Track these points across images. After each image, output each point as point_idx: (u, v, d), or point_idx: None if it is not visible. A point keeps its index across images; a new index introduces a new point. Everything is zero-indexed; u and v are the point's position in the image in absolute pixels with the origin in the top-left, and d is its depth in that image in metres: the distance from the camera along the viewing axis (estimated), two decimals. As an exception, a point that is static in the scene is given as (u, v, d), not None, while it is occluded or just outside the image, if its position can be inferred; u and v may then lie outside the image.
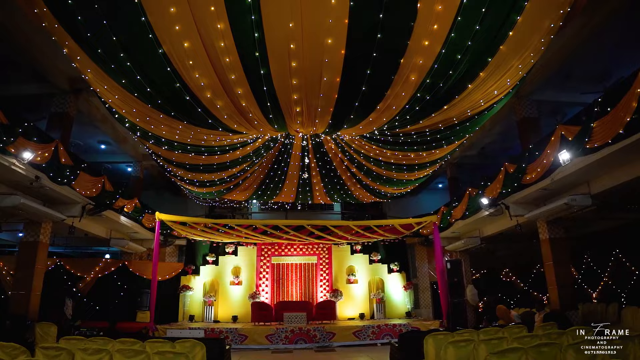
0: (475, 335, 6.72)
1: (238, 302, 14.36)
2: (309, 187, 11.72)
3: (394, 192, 12.52)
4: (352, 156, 10.42)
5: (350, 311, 14.55)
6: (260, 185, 11.65)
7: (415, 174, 10.76)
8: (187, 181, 10.80)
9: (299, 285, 14.74)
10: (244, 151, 9.47)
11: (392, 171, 10.44)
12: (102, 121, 12.60)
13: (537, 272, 16.27)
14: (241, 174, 10.73)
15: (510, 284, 16.86)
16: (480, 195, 11.74)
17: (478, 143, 14.67)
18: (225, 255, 14.81)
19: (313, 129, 8.05)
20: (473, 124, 8.69)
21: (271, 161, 10.77)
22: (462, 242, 13.62)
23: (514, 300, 16.86)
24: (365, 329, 11.74)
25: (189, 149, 8.71)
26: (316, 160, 10.97)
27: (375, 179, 11.11)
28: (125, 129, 10.22)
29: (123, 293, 14.01)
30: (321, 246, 15.00)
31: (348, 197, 12.77)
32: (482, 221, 12.86)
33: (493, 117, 11.49)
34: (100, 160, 14.99)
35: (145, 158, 14.62)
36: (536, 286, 16.08)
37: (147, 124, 7.87)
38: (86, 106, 11.81)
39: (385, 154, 9.59)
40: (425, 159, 9.81)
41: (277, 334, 11.27)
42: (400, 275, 15.09)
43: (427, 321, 12.54)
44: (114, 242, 12.84)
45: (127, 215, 12.34)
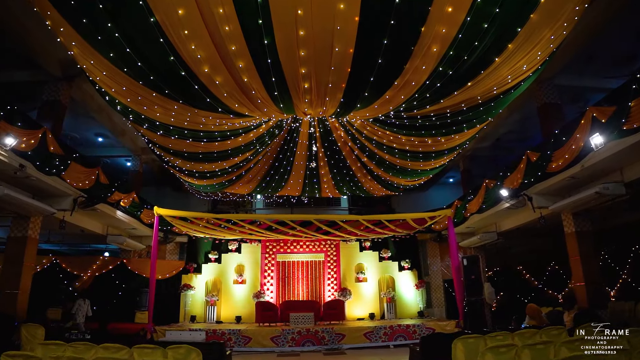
0: (510, 337, 5.82)
1: (242, 301, 13.49)
2: (316, 178, 10.83)
3: (407, 183, 11.60)
4: (363, 144, 9.54)
5: (359, 311, 13.64)
6: (265, 177, 10.78)
7: (431, 162, 9.85)
8: (186, 172, 9.95)
9: (305, 284, 13.86)
10: (246, 138, 8.61)
11: (406, 160, 9.54)
12: (98, 112, 11.81)
13: (551, 270, 15.36)
14: (244, 164, 9.86)
15: (524, 282, 15.94)
16: (498, 186, 10.82)
17: (493, 133, 13.75)
18: (228, 253, 13.95)
19: (323, 109, 7.18)
20: (498, 105, 7.79)
21: (276, 150, 9.90)
22: (478, 238, 12.69)
23: (527, 298, 15.95)
24: (377, 330, 10.84)
25: (186, 134, 7.85)
26: (324, 150, 10.10)
27: (388, 169, 10.21)
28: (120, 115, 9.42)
29: (121, 292, 13.18)
30: (329, 243, 14.11)
31: (358, 189, 11.87)
32: (499, 215, 11.94)
33: (510, 104, 10.60)
34: (99, 154, 14.18)
35: (145, 152, 13.81)
36: (550, 284, 15.18)
37: (140, 105, 7.03)
38: (80, 94, 11.01)
39: (400, 140, 8.70)
40: (444, 145, 8.90)
41: (282, 336, 10.38)
42: (412, 273, 14.16)
43: (442, 321, 11.61)
44: (110, 239, 12.02)
45: (124, 210, 11.51)
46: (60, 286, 13.01)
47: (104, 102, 11.23)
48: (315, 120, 9.27)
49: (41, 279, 12.75)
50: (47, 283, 13.11)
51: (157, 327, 10.96)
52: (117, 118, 11.98)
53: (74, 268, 12.88)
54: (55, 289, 13.10)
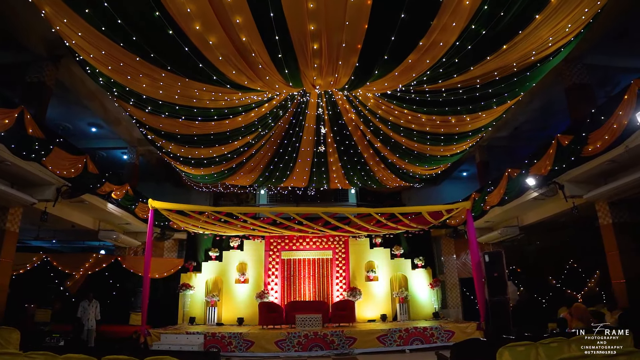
0: (567, 345, 4.67)
1: (244, 302, 12.37)
2: (324, 167, 9.72)
3: (423, 172, 10.45)
4: (376, 127, 8.44)
5: (370, 312, 12.48)
6: (268, 165, 9.68)
7: (452, 147, 8.72)
8: (181, 159, 8.87)
9: (312, 283, 12.72)
10: (247, 118, 7.53)
11: (425, 143, 8.42)
12: (89, 98, 10.77)
13: (570, 268, 14.16)
14: (245, 150, 8.77)
15: (542, 281, 14.75)
16: (523, 175, 9.67)
17: (511, 122, 12.58)
18: (229, 250, 12.85)
19: (334, 76, 6.08)
20: (533, 75, 6.67)
21: (280, 135, 8.82)
22: (499, 233, 11.52)
23: (545, 298, 14.79)
24: (392, 333, 9.68)
25: (177, 111, 6.78)
26: (333, 135, 9.00)
27: (404, 155, 9.08)
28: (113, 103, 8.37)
29: (115, 292, 12.12)
30: (337, 239, 12.97)
31: (370, 179, 10.73)
32: (523, 207, 10.78)
33: (533, 89, 9.48)
34: (94, 146, 13.18)
35: (141, 143, 12.76)
36: (569, 283, 14.00)
37: (123, 75, 5.97)
38: (68, 78, 9.97)
39: (419, 120, 7.59)
40: (468, 125, 7.77)
41: (288, 340, 9.25)
42: (426, 272, 12.99)
43: (461, 323, 10.44)
44: (102, 235, 10.97)
45: (116, 203, 10.46)
46: (50, 285, 11.99)
47: (96, 87, 10.27)
48: (323, 100, 8.18)
49: (31, 278, 11.77)
50: (38, 282, 12.10)
51: (152, 330, 9.88)
52: (110, 105, 10.95)
53: (65, 266, 11.84)
54: (45, 288, 12.10)
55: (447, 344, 9.98)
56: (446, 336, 10.01)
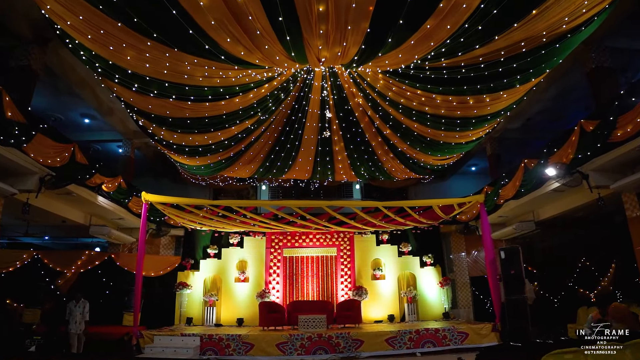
0: (622, 353, 3.90)
1: (244, 302, 11.61)
2: (329, 156, 8.97)
3: (435, 162, 9.67)
4: (386, 112, 7.69)
5: (376, 312, 11.70)
6: (269, 155, 8.93)
7: (468, 133, 7.96)
8: (174, 147, 8.13)
9: (316, 282, 11.95)
10: (245, 100, 6.79)
11: (439, 129, 7.65)
12: (80, 85, 10.05)
13: (582, 266, 13.37)
14: (244, 136, 8.02)
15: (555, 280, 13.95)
16: (541, 165, 8.90)
17: (524, 112, 11.80)
18: (229, 248, 12.10)
19: (342, 45, 5.33)
20: (563, 48, 5.91)
21: (282, 122, 8.08)
22: (513, 228, 10.73)
23: (557, 297, 14.00)
24: (401, 335, 8.90)
25: (167, 89, 6.04)
26: (339, 121, 8.26)
27: (415, 142, 8.32)
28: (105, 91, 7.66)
29: (108, 291, 11.38)
30: (342, 236, 12.20)
31: (378, 170, 9.95)
32: (540, 200, 9.99)
33: (550, 74, 8.72)
34: (87, 138, 12.46)
35: (137, 135, 12.04)
36: (582, 282, 13.21)
37: (105, 47, 5.25)
38: (58, 64, 9.26)
39: (434, 101, 6.83)
40: (487, 107, 7.01)
41: (290, 342, 8.49)
42: (435, 270, 12.20)
43: (475, 324, 9.65)
44: (94, 230, 10.24)
45: (108, 196, 9.73)
46: (40, 284, 11.27)
47: (86, 73, 9.56)
48: (328, 84, 7.44)
49: (21, 276, 11.06)
50: (28, 281, 11.39)
51: (145, 332, 9.14)
52: (102, 93, 10.24)
53: (56, 264, 11.08)
54: (35, 287, 11.38)
55: (460, 346, 9.22)
56: (459, 338, 9.23)
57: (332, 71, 7.42)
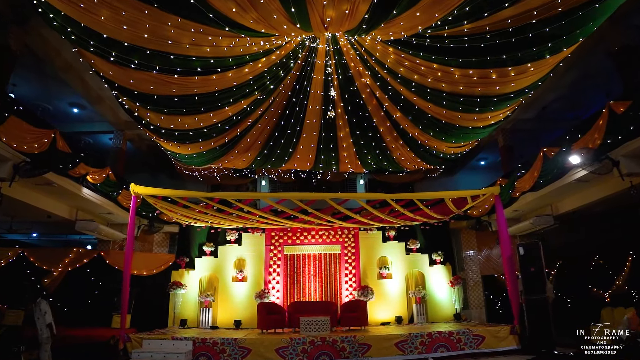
0: None
1: (242, 303, 10.73)
2: (333, 143, 8.10)
3: (449, 150, 8.79)
4: (396, 92, 6.84)
5: (383, 314, 10.80)
6: (268, 141, 8.06)
7: (487, 115, 7.09)
8: (163, 132, 7.27)
9: (318, 282, 11.06)
10: (239, 74, 5.95)
11: (456, 109, 6.80)
12: (66, 70, 9.22)
13: (596, 265, 12.49)
14: (239, 119, 7.17)
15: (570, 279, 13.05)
16: (564, 153, 8.04)
17: (539, 100, 10.93)
18: (226, 245, 11.23)
19: (349, 5, 4.47)
20: (603, 9, 5.05)
21: (282, 104, 7.22)
22: (530, 223, 9.84)
23: (570, 297, 13.11)
24: (412, 338, 8.00)
25: (149, 58, 5.21)
26: (344, 104, 7.40)
27: (428, 126, 7.46)
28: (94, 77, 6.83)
29: (97, 291, 10.52)
30: (346, 232, 11.32)
31: (386, 159, 9.08)
32: (560, 192, 9.11)
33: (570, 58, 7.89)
34: (77, 130, 11.64)
35: (128, 126, 11.21)
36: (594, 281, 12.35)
37: (75, 5, 4.40)
38: (40, 45, 8.44)
39: (451, 75, 5.99)
40: (511, 83, 6.15)
41: (291, 347, 7.60)
42: (445, 268, 11.31)
43: (491, 326, 8.75)
44: (80, 226, 9.40)
45: (94, 189, 8.89)
46: (25, 283, 10.41)
47: (72, 56, 8.72)
48: (332, 63, 6.61)
49: (5, 274, 10.23)
50: (13, 280, 10.54)
51: (134, 335, 8.27)
52: (90, 79, 9.42)
53: (43, 262, 10.27)
54: (20, 286, 10.52)
55: (476, 350, 8.31)
56: (475, 342, 8.33)
57: (337, 48, 6.60)
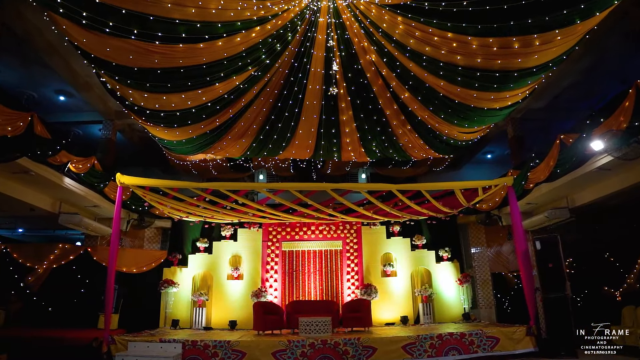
0: None
1: (238, 302, 9.96)
2: (335, 127, 7.36)
3: (460, 136, 8.04)
4: (405, 69, 6.13)
5: (387, 313, 10.03)
6: (264, 125, 7.31)
7: (505, 94, 6.35)
8: (148, 114, 6.52)
9: (318, 280, 10.29)
10: (230, 45, 5.21)
11: (472, 87, 6.06)
12: (49, 52, 8.44)
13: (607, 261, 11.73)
14: (232, 99, 6.42)
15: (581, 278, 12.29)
16: (584, 139, 7.29)
17: (552, 87, 10.17)
18: (221, 241, 10.47)
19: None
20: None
21: (279, 83, 6.48)
22: (545, 216, 9.06)
23: (580, 296, 12.36)
24: (421, 340, 7.24)
25: (126, 19, 4.47)
26: (347, 85, 6.65)
27: (440, 108, 6.71)
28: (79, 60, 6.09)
29: (84, 290, 9.75)
30: (348, 227, 10.56)
31: (392, 146, 8.33)
32: (578, 183, 8.34)
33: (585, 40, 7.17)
34: (65, 120, 10.88)
35: (119, 116, 10.46)
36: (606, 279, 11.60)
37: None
38: (19, 23, 7.66)
39: (469, 45, 5.27)
40: (535, 55, 5.42)
41: (290, 350, 6.84)
42: (453, 265, 10.55)
43: (505, 327, 7.98)
44: (64, 219, 8.63)
45: (78, 179, 8.13)
46: (8, 281, 9.66)
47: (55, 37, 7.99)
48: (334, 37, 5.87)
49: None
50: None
51: (119, 337, 7.51)
52: (75, 63, 8.67)
53: (27, 258, 9.51)
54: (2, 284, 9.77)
55: (490, 353, 7.56)
56: (489, 344, 7.57)
57: (339, 22, 5.87)
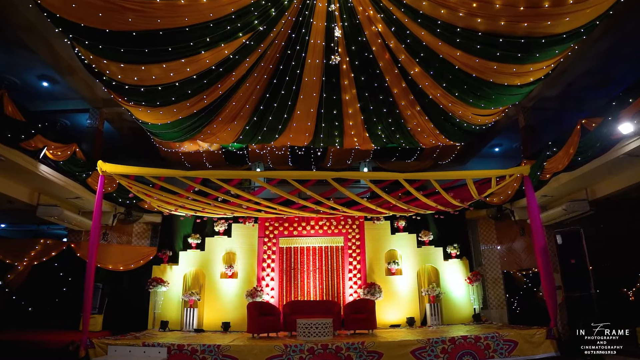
0: None
1: (232, 302, 9.15)
2: (337, 108, 6.56)
3: (474, 119, 7.21)
4: (416, 40, 5.35)
5: (392, 314, 9.21)
6: (258, 105, 6.51)
7: (529, 67, 5.57)
8: (127, 90, 5.73)
9: (318, 278, 9.48)
10: (216, 4, 4.42)
11: (493, 56, 5.28)
12: (28, 32, 7.65)
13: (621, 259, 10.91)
14: (221, 71, 5.62)
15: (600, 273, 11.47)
16: (609, 122, 6.52)
17: (567, 74, 9.38)
18: (214, 237, 9.65)
19: None
20: None
21: (274, 57, 5.69)
22: (563, 209, 8.24)
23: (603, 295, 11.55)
24: (432, 345, 6.42)
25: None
26: (350, 60, 5.88)
27: (454, 84, 5.92)
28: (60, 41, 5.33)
29: (66, 288, 8.94)
30: (349, 222, 9.75)
31: (399, 131, 7.51)
32: (599, 173, 7.54)
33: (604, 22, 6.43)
34: (50, 108, 10.10)
35: (107, 103, 9.68)
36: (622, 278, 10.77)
37: None
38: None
39: (491, 5, 4.48)
40: (566, 17, 4.64)
41: (286, 356, 6.02)
42: (462, 263, 9.73)
43: (524, 329, 7.14)
44: (42, 211, 7.83)
45: (56, 167, 7.34)
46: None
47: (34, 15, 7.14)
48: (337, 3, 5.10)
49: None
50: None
51: (98, 340, 6.69)
52: (57, 43, 7.88)
53: (6, 255, 8.77)
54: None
55: (507, 359, 6.73)
56: (506, 348, 6.74)
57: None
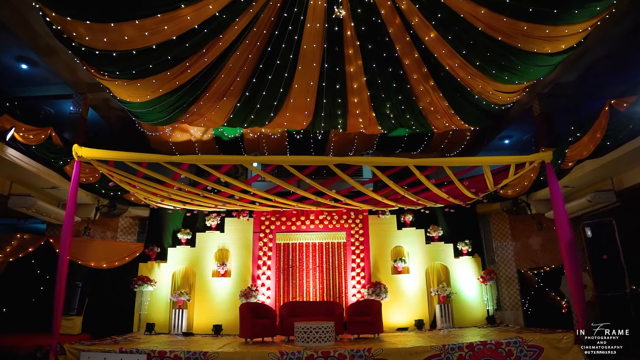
0: None
1: (224, 303, 8.28)
2: (340, 83, 5.71)
3: (495, 95, 6.32)
4: None
5: (398, 317, 8.34)
6: (251, 78, 5.66)
7: (564, 29, 4.74)
8: (98, 56, 4.87)
9: (318, 277, 8.60)
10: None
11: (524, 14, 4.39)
12: (2, 7, 6.87)
13: None
14: (206, 33, 4.78)
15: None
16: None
17: (586, 57, 8.58)
18: (205, 232, 8.79)
19: None
20: None
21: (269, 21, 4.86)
22: (588, 200, 7.39)
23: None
24: (448, 352, 5.56)
25: None
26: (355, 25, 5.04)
27: (476, 50, 5.07)
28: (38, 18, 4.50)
29: (44, 287, 8.05)
30: (352, 216, 8.88)
31: (410, 110, 6.62)
32: (628, 159, 6.69)
33: None
34: (31, 94, 9.28)
35: (91, 88, 8.85)
36: None
37: None
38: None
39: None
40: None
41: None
42: (473, 260, 8.87)
43: (549, 333, 6.27)
44: (14, 202, 6.97)
45: (28, 152, 6.49)
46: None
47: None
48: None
49: None
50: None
51: (70, 346, 5.84)
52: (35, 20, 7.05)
53: (-21, 252, 7.88)
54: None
55: (531, 367, 5.86)
56: (531, 355, 5.89)
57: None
